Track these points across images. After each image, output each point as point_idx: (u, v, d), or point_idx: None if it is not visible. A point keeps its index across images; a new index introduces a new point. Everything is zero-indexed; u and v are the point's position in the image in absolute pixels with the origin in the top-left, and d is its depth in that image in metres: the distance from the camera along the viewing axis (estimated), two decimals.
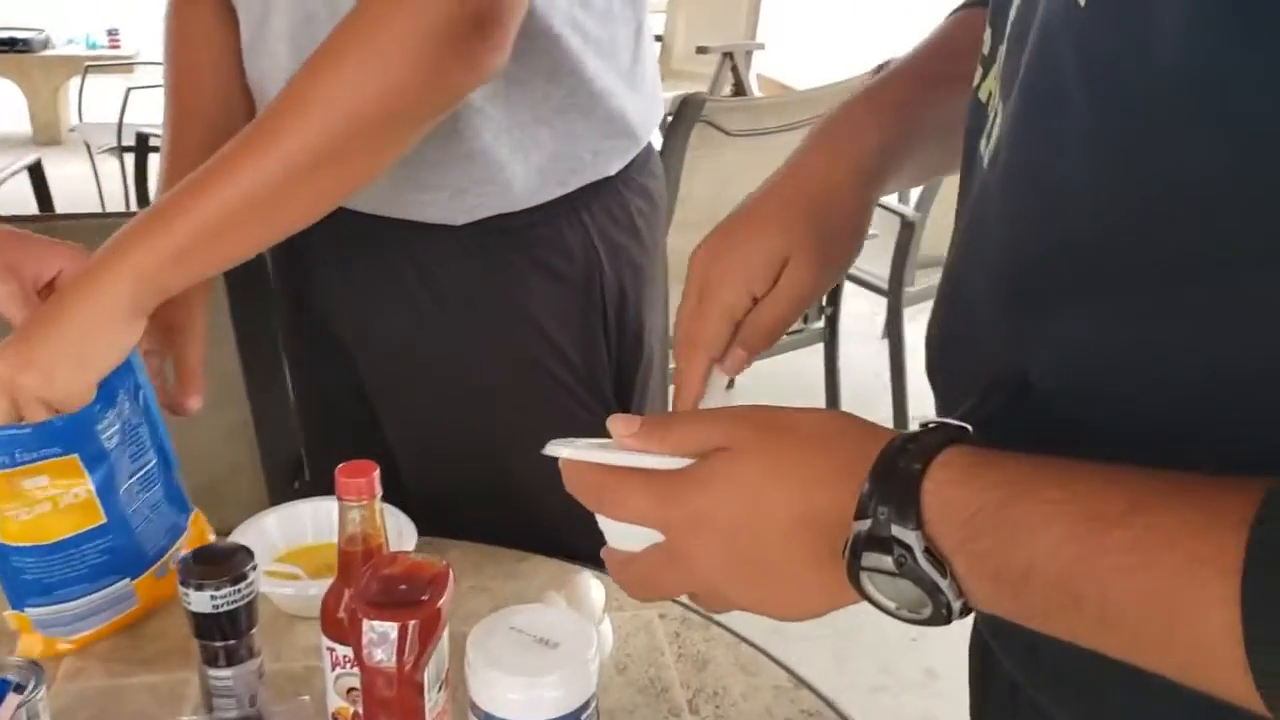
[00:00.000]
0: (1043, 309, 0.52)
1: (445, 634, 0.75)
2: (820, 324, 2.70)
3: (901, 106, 0.76)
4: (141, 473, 1.01)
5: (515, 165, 1.08)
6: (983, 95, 0.64)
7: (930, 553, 0.47)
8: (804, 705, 0.92)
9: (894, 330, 2.95)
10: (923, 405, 3.29)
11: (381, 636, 0.71)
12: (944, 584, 0.47)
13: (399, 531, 1.06)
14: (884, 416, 3.03)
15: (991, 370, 0.56)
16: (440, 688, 0.76)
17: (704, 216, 2.55)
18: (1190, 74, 0.42)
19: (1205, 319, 0.45)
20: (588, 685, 0.74)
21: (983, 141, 0.60)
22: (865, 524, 0.49)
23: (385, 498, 1.07)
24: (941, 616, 0.48)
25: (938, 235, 2.86)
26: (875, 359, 3.38)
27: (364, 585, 0.74)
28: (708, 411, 0.59)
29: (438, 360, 1.16)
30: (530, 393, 1.16)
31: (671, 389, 0.79)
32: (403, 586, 0.74)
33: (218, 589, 0.82)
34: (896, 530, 0.48)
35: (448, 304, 1.14)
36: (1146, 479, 0.44)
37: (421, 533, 1.09)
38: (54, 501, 0.93)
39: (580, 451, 0.60)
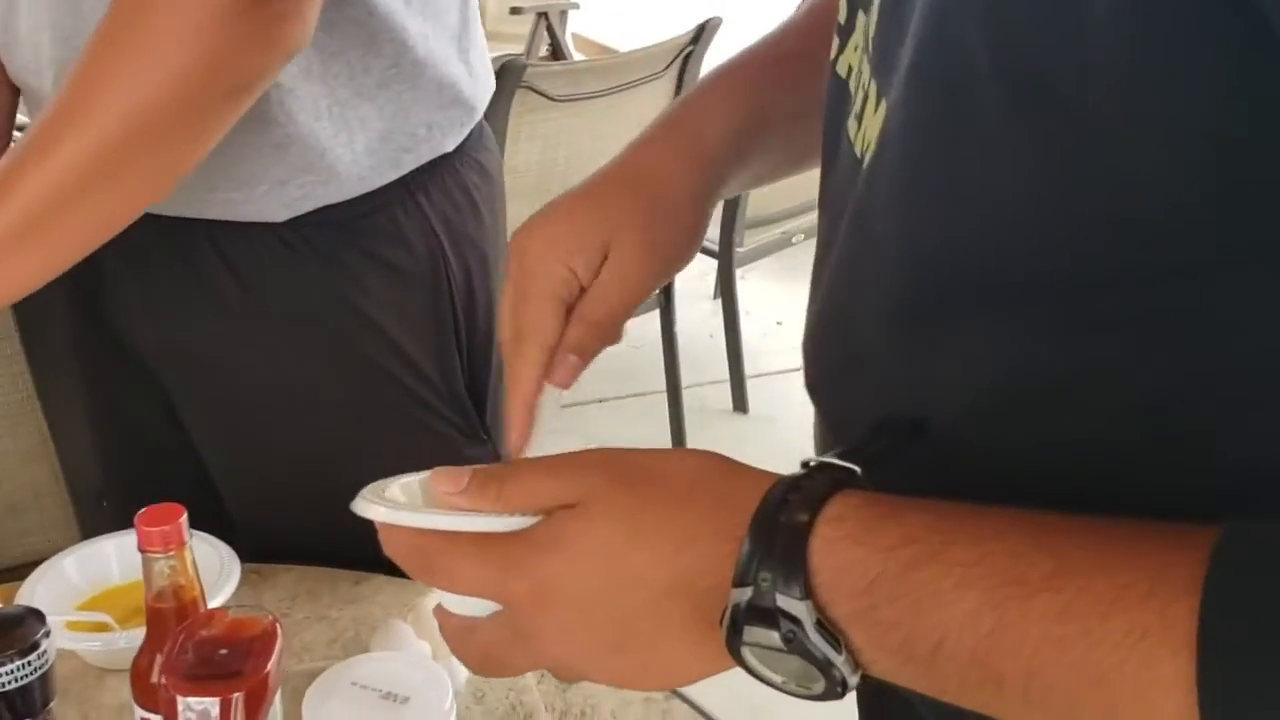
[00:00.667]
0: (943, 325, 0.47)
1: (277, 698, 0.66)
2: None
3: (753, 93, 0.69)
4: None
5: (339, 149, 0.97)
6: (841, 70, 0.58)
7: (822, 625, 0.41)
8: (679, 718, 0.87)
9: (726, 291, 2.93)
10: (758, 365, 3.33)
11: (201, 715, 0.62)
12: (839, 659, 0.41)
13: (220, 563, 0.96)
14: (719, 375, 3.02)
15: (882, 395, 0.51)
16: None
17: (531, 185, 2.46)
18: (1130, 63, 0.37)
19: (1130, 337, 0.41)
20: None
21: (851, 125, 0.55)
22: (745, 593, 0.42)
23: (203, 524, 0.97)
24: (835, 693, 0.42)
25: (764, 194, 2.85)
26: (708, 320, 3.36)
27: (176, 654, 0.64)
28: (550, 460, 0.50)
29: (261, 376, 1.04)
30: (377, 407, 1.05)
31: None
32: (223, 651, 0.65)
33: (3, 664, 0.71)
34: (782, 600, 0.41)
35: (271, 312, 1.02)
36: (1072, 531, 0.39)
37: (247, 559, 0.99)
38: None
39: (398, 514, 0.50)
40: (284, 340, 1.02)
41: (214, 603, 0.91)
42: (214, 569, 0.94)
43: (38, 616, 0.74)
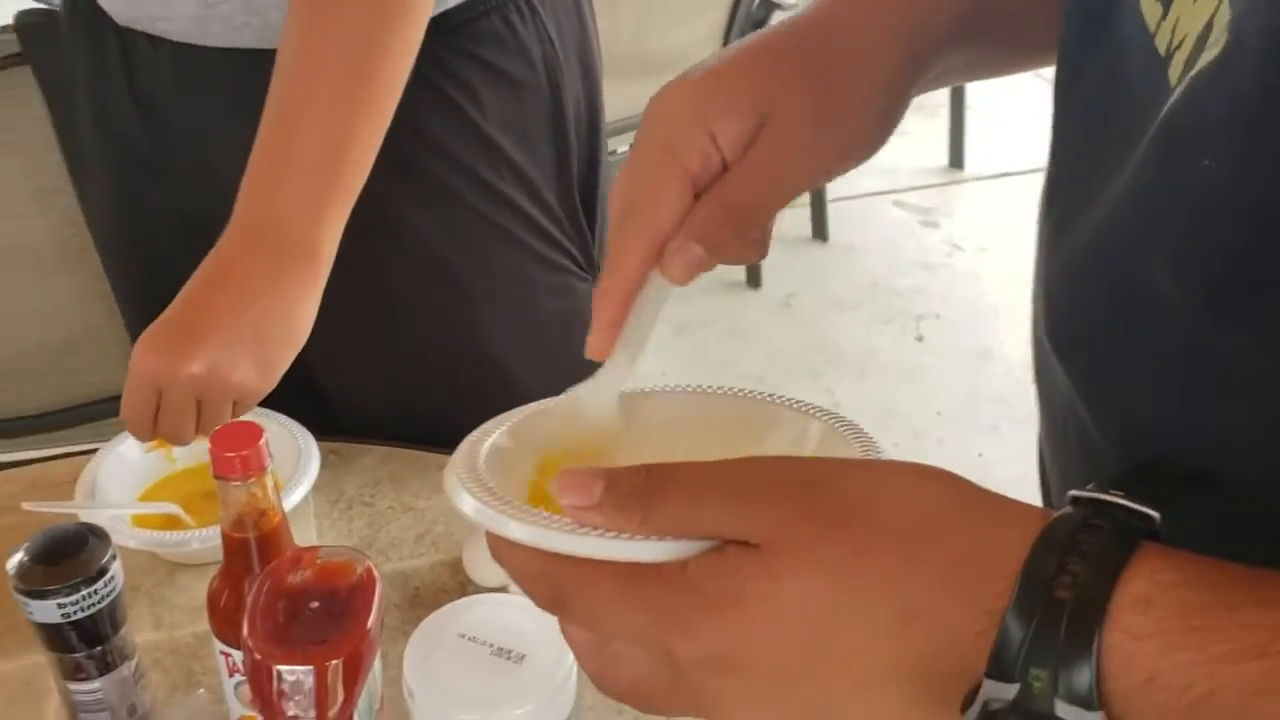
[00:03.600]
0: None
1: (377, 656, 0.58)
2: None
3: None
4: None
5: None
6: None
7: None
8: None
9: None
10: (838, 188, 3.12)
11: (294, 686, 0.54)
12: None
13: (296, 448, 0.87)
14: (797, 199, 2.86)
15: (1175, 381, 0.38)
16: (374, 717, 0.59)
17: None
18: None
19: None
20: (564, 704, 0.59)
21: (1145, 7, 0.40)
22: (1008, 690, 0.31)
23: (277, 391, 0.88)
24: None
25: None
26: None
27: (262, 607, 0.56)
28: (713, 476, 0.37)
29: (363, 202, 0.88)
30: (492, 235, 0.93)
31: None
32: (314, 604, 0.56)
33: (68, 594, 0.63)
34: (1064, 709, 0.31)
35: None
36: None
37: (326, 433, 0.91)
38: None
39: (510, 524, 0.38)
40: (393, 165, 0.87)
41: (294, 495, 0.83)
42: (290, 455, 0.86)
43: (102, 538, 0.66)
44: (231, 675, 0.65)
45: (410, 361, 0.99)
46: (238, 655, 0.64)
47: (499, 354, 0.98)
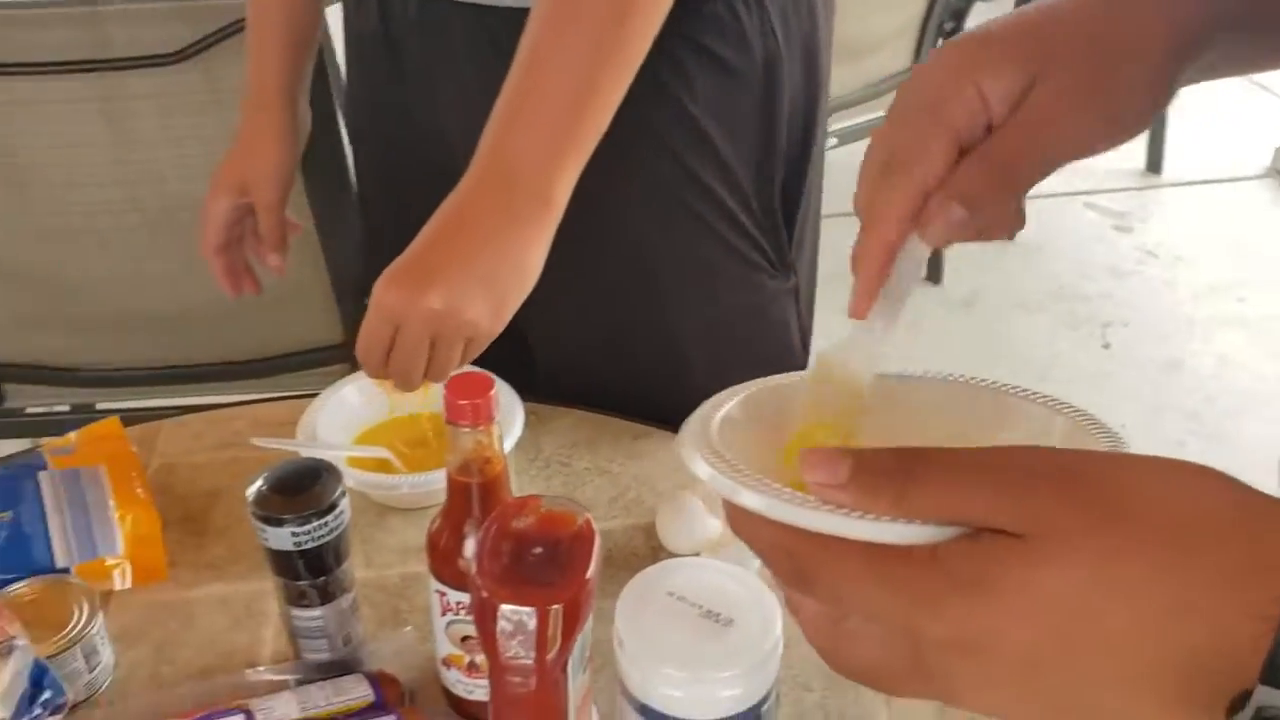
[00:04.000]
0: None
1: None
2: None
3: None
4: None
5: None
6: None
7: None
8: None
9: None
10: None
11: (518, 625, 0.55)
12: None
13: (503, 408, 0.90)
14: None
15: None
16: (584, 668, 0.61)
17: None
18: None
19: None
20: (770, 673, 0.59)
21: None
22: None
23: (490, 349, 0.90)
24: None
25: None
26: None
27: (489, 549, 0.58)
28: (974, 461, 0.37)
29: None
30: (685, 220, 0.93)
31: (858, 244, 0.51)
32: (537, 550, 0.58)
33: (300, 524, 0.67)
34: None
35: None
36: None
37: (526, 394, 0.93)
38: None
39: (755, 496, 0.38)
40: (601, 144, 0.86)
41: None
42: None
43: (334, 474, 0.69)
44: (444, 614, 0.68)
45: (598, 336, 1.00)
46: (453, 594, 0.67)
47: (679, 343, 0.98)
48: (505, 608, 0.55)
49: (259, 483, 0.68)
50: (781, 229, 0.98)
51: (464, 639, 0.68)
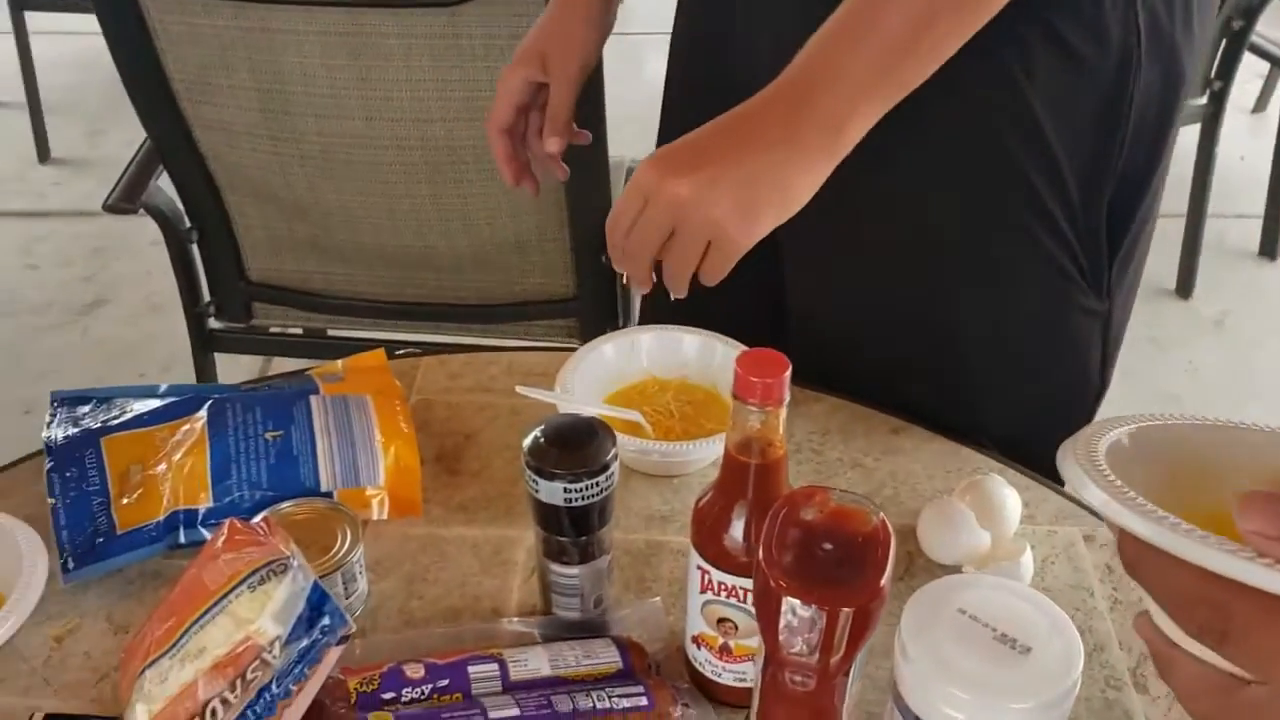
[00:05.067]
0: None
1: None
2: (1203, 100, 2.22)
3: None
4: None
5: None
6: None
7: None
8: None
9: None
10: None
11: (805, 623, 0.53)
12: None
13: None
14: (1248, 209, 2.57)
15: None
16: (860, 676, 0.58)
17: None
18: None
19: None
20: (1064, 712, 0.55)
21: None
22: None
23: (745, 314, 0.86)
24: None
25: None
26: (1243, 138, 2.84)
27: (777, 538, 0.55)
28: None
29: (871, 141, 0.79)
30: (998, 214, 0.86)
31: None
32: (827, 546, 0.55)
33: (573, 481, 0.66)
34: None
35: None
36: None
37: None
38: None
39: (1179, 538, 0.35)
40: (917, 108, 0.78)
41: None
42: None
43: (608, 435, 0.68)
44: (703, 592, 0.66)
45: (866, 317, 0.95)
46: (715, 573, 0.65)
47: (956, 341, 0.91)
48: (793, 602, 0.53)
49: (536, 434, 0.68)
50: (1103, 249, 0.88)
51: (720, 621, 0.66)
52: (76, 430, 0.83)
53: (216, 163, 1.46)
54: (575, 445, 0.67)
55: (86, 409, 0.85)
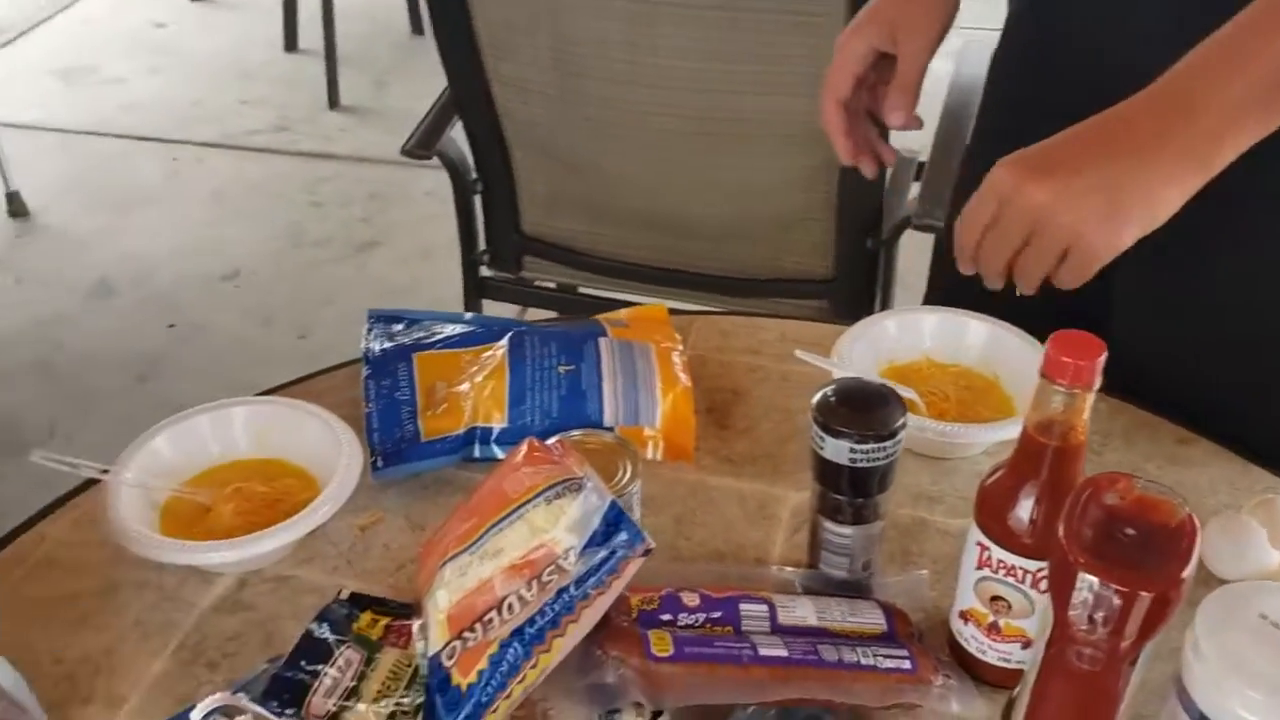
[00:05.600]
0: None
1: None
2: None
3: None
4: None
5: None
6: None
7: None
8: None
9: None
10: None
11: (1100, 600, 0.53)
12: None
13: None
14: None
15: None
16: (1145, 666, 0.57)
17: None
18: None
19: None
20: None
21: None
22: None
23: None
24: None
25: None
26: None
27: (1078, 516, 0.55)
28: None
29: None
30: None
31: None
32: (1129, 531, 0.55)
33: (860, 441, 0.68)
34: None
35: None
36: None
37: None
38: None
39: None
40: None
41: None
42: None
43: (900, 404, 0.69)
44: (979, 568, 0.66)
45: (1195, 341, 0.91)
46: (995, 551, 0.65)
47: None
48: (1089, 578, 0.53)
49: (827, 392, 0.69)
50: None
51: (993, 599, 0.67)
52: (391, 345, 0.91)
53: (508, 118, 1.55)
54: (865, 408, 0.69)
55: (400, 327, 0.93)
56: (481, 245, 1.71)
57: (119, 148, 3.03)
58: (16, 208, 2.72)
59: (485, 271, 1.74)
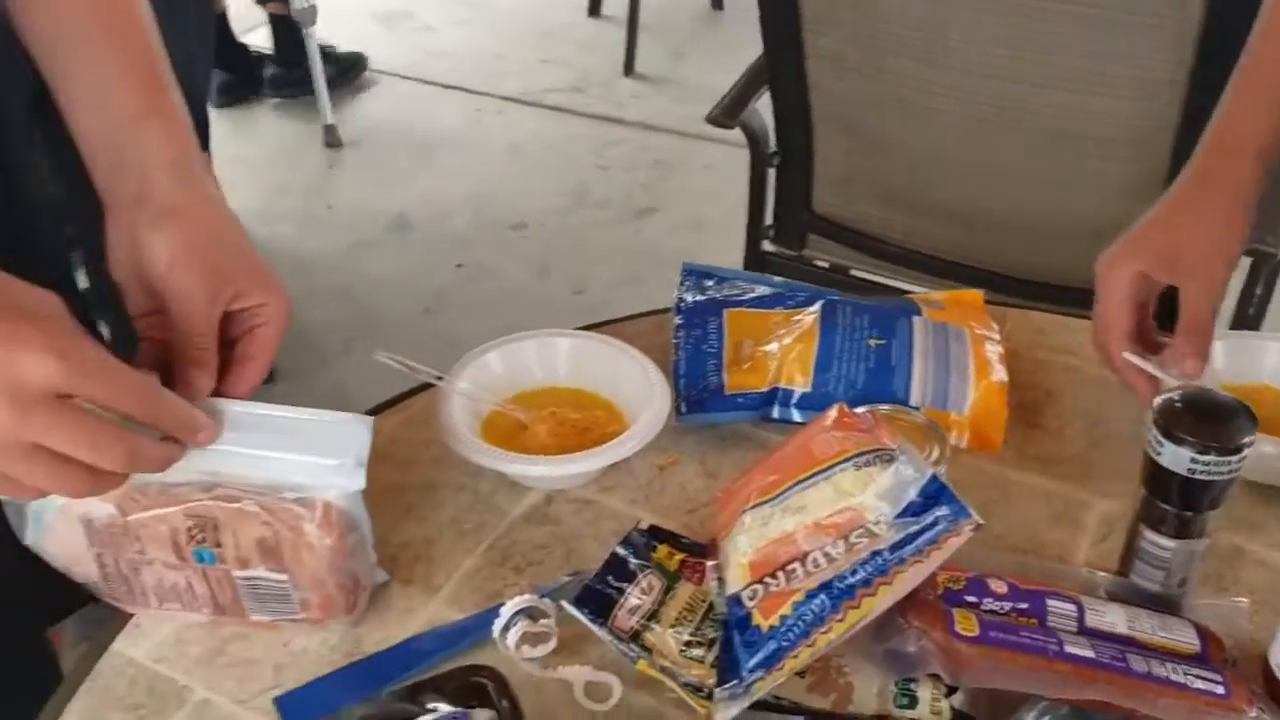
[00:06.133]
0: None
1: None
2: None
3: None
4: None
5: None
6: None
7: None
8: None
9: None
10: None
11: None
12: None
13: None
14: None
15: None
16: None
17: None
18: None
19: None
20: None
21: None
22: None
23: None
24: None
25: None
26: None
27: None
28: None
29: None
30: None
31: None
32: None
33: (1202, 451, 0.65)
34: None
35: None
36: None
37: None
38: None
39: None
40: None
41: None
42: None
43: (1251, 418, 0.66)
44: None
45: None
46: None
47: None
48: None
49: (1173, 397, 0.67)
50: None
51: None
52: (703, 298, 0.93)
53: (817, 91, 1.54)
54: (1213, 418, 0.65)
55: (711, 283, 0.95)
56: (767, 220, 1.72)
57: (427, 92, 3.22)
58: (332, 139, 2.94)
59: (768, 246, 1.75)
